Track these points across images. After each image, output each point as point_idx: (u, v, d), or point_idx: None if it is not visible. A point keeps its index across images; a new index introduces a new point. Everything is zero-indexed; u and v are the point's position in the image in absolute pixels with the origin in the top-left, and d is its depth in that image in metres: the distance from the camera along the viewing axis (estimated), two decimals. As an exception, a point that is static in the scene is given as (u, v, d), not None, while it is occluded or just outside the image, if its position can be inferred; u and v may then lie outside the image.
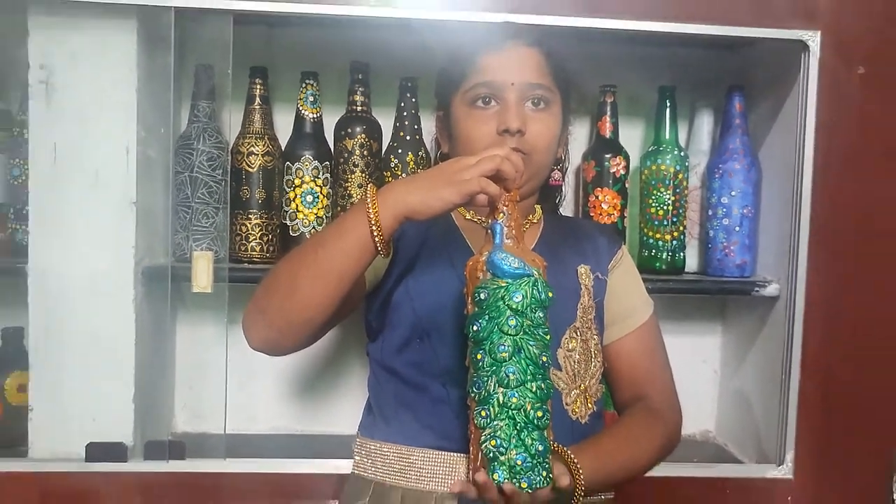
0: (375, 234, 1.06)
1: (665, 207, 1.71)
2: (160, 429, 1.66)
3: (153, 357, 1.61)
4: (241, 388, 1.77)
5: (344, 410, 1.82)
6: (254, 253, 1.63)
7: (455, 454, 1.19)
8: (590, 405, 1.27)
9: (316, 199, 1.65)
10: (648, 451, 1.25)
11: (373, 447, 1.26)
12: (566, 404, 1.24)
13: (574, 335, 1.26)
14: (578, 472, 1.11)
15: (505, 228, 1.06)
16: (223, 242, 1.60)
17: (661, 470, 1.29)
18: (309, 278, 1.09)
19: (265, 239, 1.64)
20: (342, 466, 1.51)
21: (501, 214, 1.07)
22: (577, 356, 1.26)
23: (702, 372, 1.94)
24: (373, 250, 1.07)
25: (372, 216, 1.05)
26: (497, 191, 1.05)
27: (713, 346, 1.94)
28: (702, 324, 1.94)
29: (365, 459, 1.27)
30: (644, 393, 1.31)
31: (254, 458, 1.57)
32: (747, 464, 1.73)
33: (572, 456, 1.12)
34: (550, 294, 1.05)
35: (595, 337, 1.29)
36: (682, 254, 1.74)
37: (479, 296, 1.04)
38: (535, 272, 1.04)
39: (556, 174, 1.51)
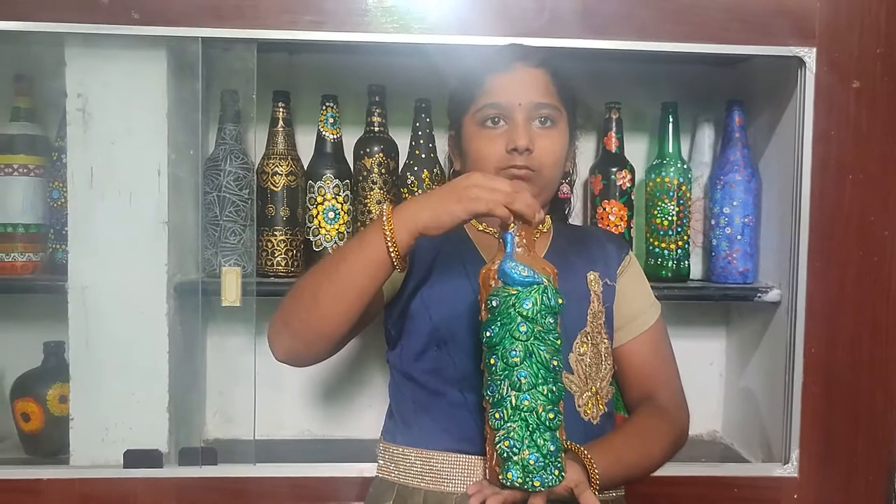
0: (391, 250, 1.06)
1: (669, 218, 1.71)
2: (193, 436, 1.67)
3: (185, 368, 1.62)
4: (269, 396, 1.76)
5: (367, 416, 1.83)
6: (279, 267, 1.63)
7: (473, 457, 1.19)
8: (601, 406, 1.27)
9: (337, 216, 1.65)
10: (658, 447, 1.24)
11: (395, 451, 1.27)
12: (578, 406, 1.24)
13: (585, 340, 1.26)
14: (593, 467, 1.12)
15: (515, 238, 1.07)
16: (250, 258, 1.60)
17: (670, 469, 1.29)
18: (330, 293, 1.09)
19: (290, 254, 1.64)
20: (366, 470, 1.52)
21: (512, 225, 1.07)
22: (588, 360, 1.26)
23: (708, 374, 1.93)
24: (389, 266, 1.08)
25: (388, 233, 1.06)
26: (506, 214, 1.05)
27: (718, 350, 1.94)
28: (707, 328, 1.93)
29: (388, 463, 1.27)
30: (653, 393, 1.31)
31: (282, 463, 1.57)
32: (753, 463, 1.72)
33: (586, 452, 1.13)
34: (561, 300, 1.05)
35: (605, 341, 1.29)
36: (686, 262, 1.74)
37: (491, 303, 1.04)
38: (545, 279, 1.04)
39: (565, 187, 1.51)
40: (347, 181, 1.67)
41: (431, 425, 1.23)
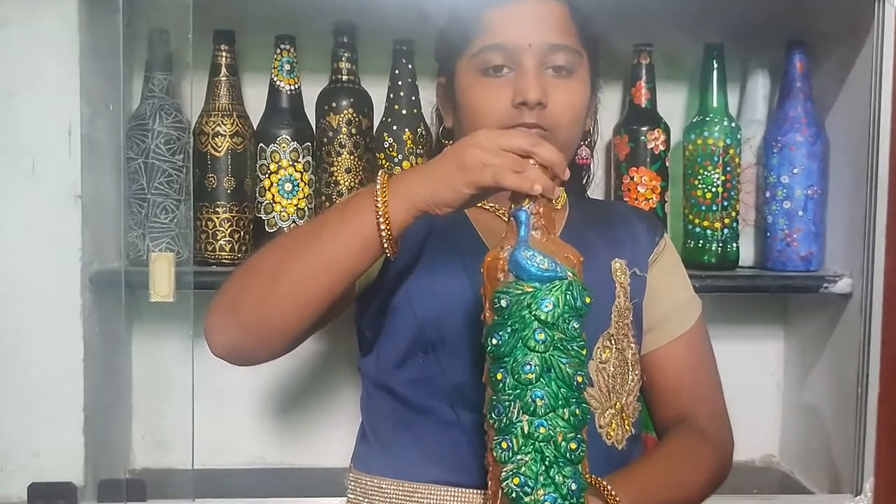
0: (383, 229, 1.04)
1: (714, 189, 1.72)
2: (115, 465, 1.66)
3: (106, 379, 1.62)
4: (212, 414, 1.77)
5: (334, 439, 1.82)
6: (223, 253, 1.64)
7: (468, 490, 1.19)
8: (627, 427, 1.27)
9: (296, 188, 1.66)
10: (698, 481, 1.25)
11: (369, 483, 1.27)
12: (600, 426, 1.24)
13: (608, 344, 1.26)
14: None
15: (532, 217, 1.03)
16: (186, 241, 1.60)
17: (715, 503, 1.30)
18: (296, 276, 1.08)
19: (236, 236, 1.64)
20: (333, 506, 1.52)
21: (527, 200, 1.03)
22: (612, 369, 1.26)
23: (762, 385, 1.95)
24: (378, 249, 1.06)
25: (380, 207, 1.04)
26: (518, 184, 1.01)
27: (774, 355, 1.95)
28: (760, 328, 1.94)
29: (360, 498, 1.28)
30: (689, 411, 1.31)
31: (228, 498, 1.58)
32: (818, 494, 1.73)
33: (611, 489, 1.12)
34: (588, 300, 1.03)
35: (633, 345, 1.29)
36: (734, 245, 1.75)
37: (499, 302, 1.01)
38: (570, 273, 1.02)
39: (584, 150, 1.52)
40: (308, 144, 1.67)
41: (415, 450, 1.24)
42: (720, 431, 1.32)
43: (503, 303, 1.01)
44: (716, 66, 1.74)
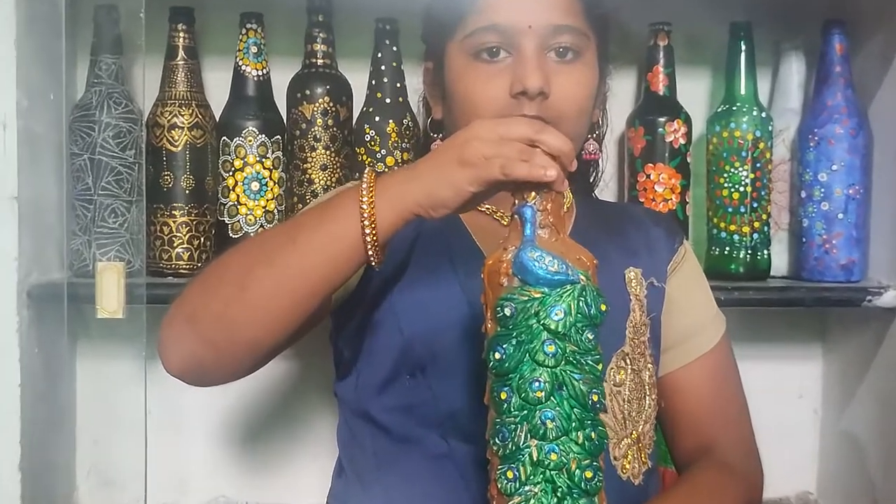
0: (368, 234, 1.04)
1: (742, 189, 1.71)
2: (57, 503, 1.65)
3: (46, 407, 1.61)
4: (167, 446, 1.77)
5: (307, 474, 1.82)
6: (180, 262, 1.63)
7: (462, 532, 1.20)
8: (643, 459, 1.28)
9: (264, 187, 1.65)
10: None
11: (347, 524, 1.27)
12: (614, 458, 1.24)
13: (623, 364, 1.27)
14: None
15: (539, 214, 1.03)
16: (138, 249, 1.60)
17: (744, 546, 1.30)
18: (267, 283, 1.08)
19: (195, 243, 1.64)
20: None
21: (533, 194, 1.04)
22: (628, 392, 1.26)
23: (798, 412, 1.95)
24: (361, 256, 1.06)
25: (366, 209, 1.04)
26: (529, 173, 1.01)
27: (812, 377, 1.95)
28: (796, 347, 1.95)
29: (338, 541, 1.28)
30: (714, 440, 1.32)
31: (186, 543, 1.57)
32: (861, 537, 1.74)
33: None
34: (604, 307, 1.03)
35: (650, 366, 1.30)
36: (765, 252, 1.75)
37: (502, 311, 1.01)
38: (583, 276, 1.02)
39: (591, 144, 1.51)
40: (278, 137, 1.67)
41: (401, 486, 1.24)
42: (748, 460, 1.33)
43: (507, 311, 1.01)
44: (743, 47, 1.74)
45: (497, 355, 1.02)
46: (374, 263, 1.07)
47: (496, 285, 1.03)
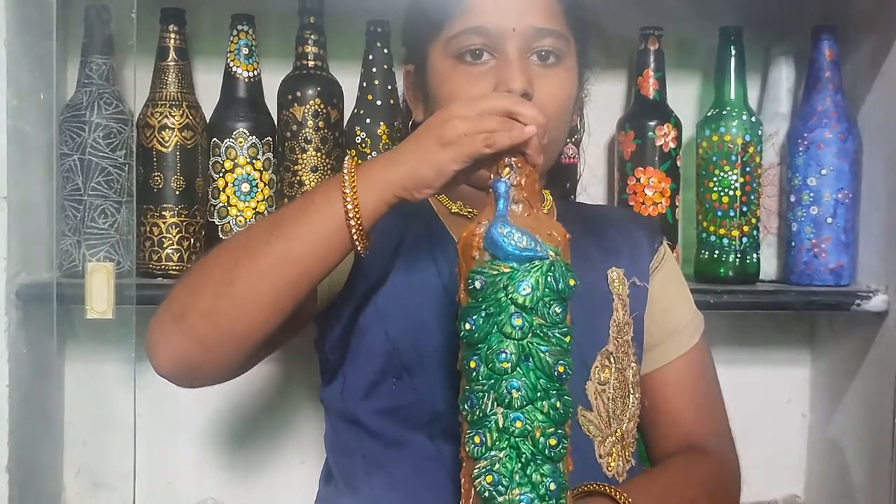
0: (353, 220, 1.05)
1: (731, 193, 1.72)
2: (45, 505, 1.65)
3: (34, 409, 1.60)
4: (156, 449, 1.77)
5: (295, 477, 1.83)
6: (170, 263, 1.63)
7: (451, 533, 1.20)
8: (627, 457, 1.29)
9: (254, 189, 1.65)
10: (704, 489, 1.27)
11: (335, 528, 1.27)
12: (600, 457, 1.26)
13: (607, 363, 1.27)
14: None
15: (512, 189, 1.05)
16: (128, 250, 1.59)
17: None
18: (253, 276, 1.08)
19: (185, 244, 1.64)
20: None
21: (507, 169, 1.05)
22: (612, 391, 1.27)
23: (785, 416, 1.95)
24: (346, 243, 1.07)
25: (349, 196, 1.05)
26: (513, 140, 1.03)
27: (800, 381, 1.96)
28: (783, 351, 1.95)
29: (326, 545, 1.28)
30: (693, 437, 1.33)
31: (174, 544, 1.57)
32: (848, 540, 1.74)
33: (623, 494, 1.15)
34: (573, 282, 1.04)
35: (633, 365, 1.31)
36: (755, 255, 1.75)
37: (473, 283, 1.03)
38: (552, 252, 1.04)
39: (570, 149, 1.52)
40: (269, 139, 1.67)
41: (389, 491, 1.24)
42: (723, 448, 1.34)
43: (477, 284, 1.03)
44: (733, 52, 1.75)
45: (467, 326, 1.04)
46: (360, 250, 1.08)
47: (469, 258, 1.05)
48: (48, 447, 1.71)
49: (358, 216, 1.05)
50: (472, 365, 1.04)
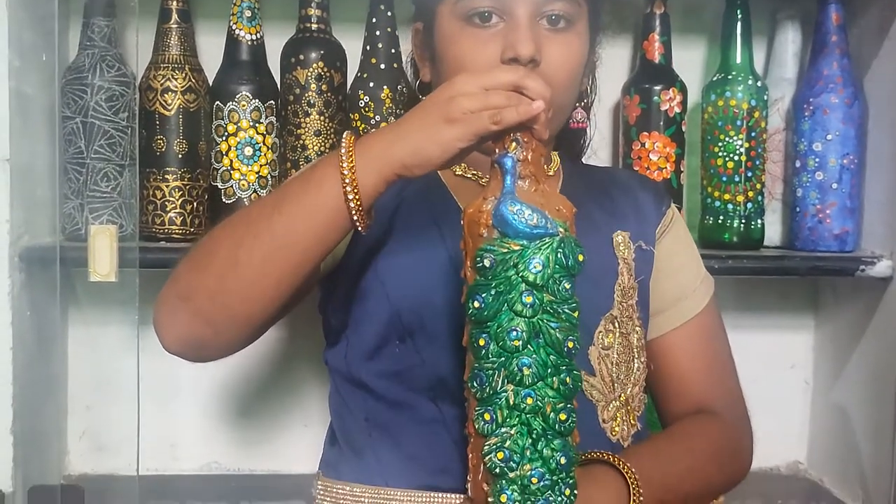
0: (352, 199, 1.05)
1: (736, 158, 1.71)
2: (49, 469, 1.67)
3: (38, 371, 1.61)
4: (160, 412, 1.77)
5: (300, 441, 1.84)
6: (173, 227, 1.63)
7: (452, 495, 1.20)
8: (632, 422, 1.28)
9: (257, 153, 1.65)
10: (716, 465, 1.27)
11: (340, 490, 1.27)
12: (603, 421, 1.25)
13: (611, 327, 1.27)
14: (633, 477, 1.14)
15: (519, 164, 1.04)
16: (130, 213, 1.60)
17: (734, 513, 1.31)
18: (257, 256, 1.08)
19: (188, 208, 1.64)
20: (298, 517, 1.52)
21: (514, 144, 1.04)
22: (616, 356, 1.27)
23: (788, 382, 1.96)
24: (347, 222, 1.07)
25: (347, 175, 1.05)
26: (520, 116, 1.02)
27: (803, 347, 1.96)
28: (787, 316, 1.95)
29: (330, 507, 1.28)
30: (701, 401, 1.32)
31: (178, 508, 1.58)
32: (850, 505, 1.75)
33: (629, 465, 1.14)
34: (581, 257, 1.04)
35: (638, 329, 1.30)
36: (759, 221, 1.75)
37: (482, 261, 1.02)
38: (562, 228, 1.03)
39: (579, 113, 1.52)
40: (272, 102, 1.66)
41: (392, 452, 1.24)
42: (735, 411, 1.33)
43: (486, 262, 1.02)
44: (739, 16, 1.74)
45: (476, 304, 1.03)
46: (360, 228, 1.07)
47: (476, 235, 1.04)
48: (52, 410, 1.72)
49: (357, 196, 1.05)
50: (482, 343, 1.04)
